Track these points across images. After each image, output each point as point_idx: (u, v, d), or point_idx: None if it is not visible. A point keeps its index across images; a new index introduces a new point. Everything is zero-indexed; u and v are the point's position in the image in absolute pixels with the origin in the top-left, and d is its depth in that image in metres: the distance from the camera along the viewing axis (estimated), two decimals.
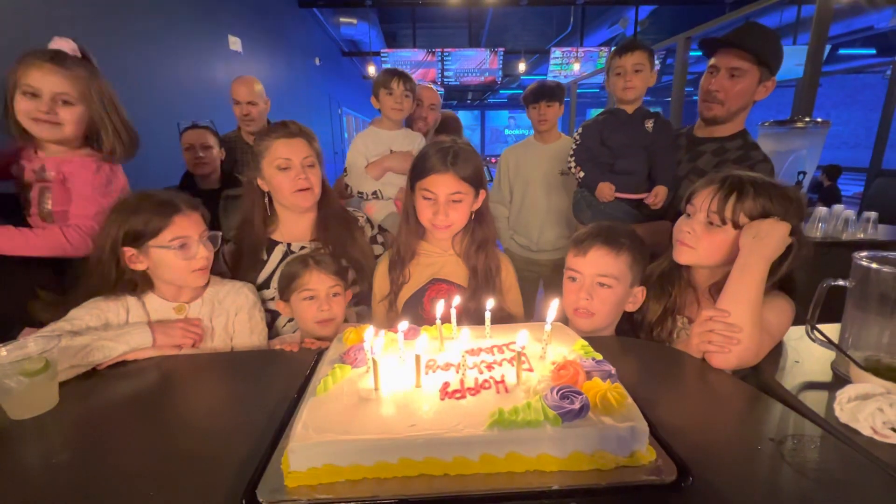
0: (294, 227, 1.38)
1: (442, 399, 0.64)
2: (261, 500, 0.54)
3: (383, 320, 1.25)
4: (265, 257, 1.33)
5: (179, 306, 1.07)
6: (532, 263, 2.34)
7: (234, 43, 4.52)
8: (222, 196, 2.01)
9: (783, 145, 2.37)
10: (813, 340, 0.85)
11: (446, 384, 0.66)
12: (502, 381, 0.67)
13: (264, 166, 1.29)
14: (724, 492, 0.57)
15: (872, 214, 2.46)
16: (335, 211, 1.42)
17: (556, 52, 8.15)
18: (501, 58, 8.16)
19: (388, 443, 0.57)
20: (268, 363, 0.98)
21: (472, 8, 7.46)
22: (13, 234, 1.15)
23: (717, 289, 0.99)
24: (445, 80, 8.30)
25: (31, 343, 0.78)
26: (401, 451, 0.56)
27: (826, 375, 0.87)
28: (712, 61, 1.53)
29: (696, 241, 1.01)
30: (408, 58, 8.06)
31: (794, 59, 9.41)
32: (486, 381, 0.67)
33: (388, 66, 8.07)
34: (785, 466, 0.62)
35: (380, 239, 1.56)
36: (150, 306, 1.05)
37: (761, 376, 0.87)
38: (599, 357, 0.72)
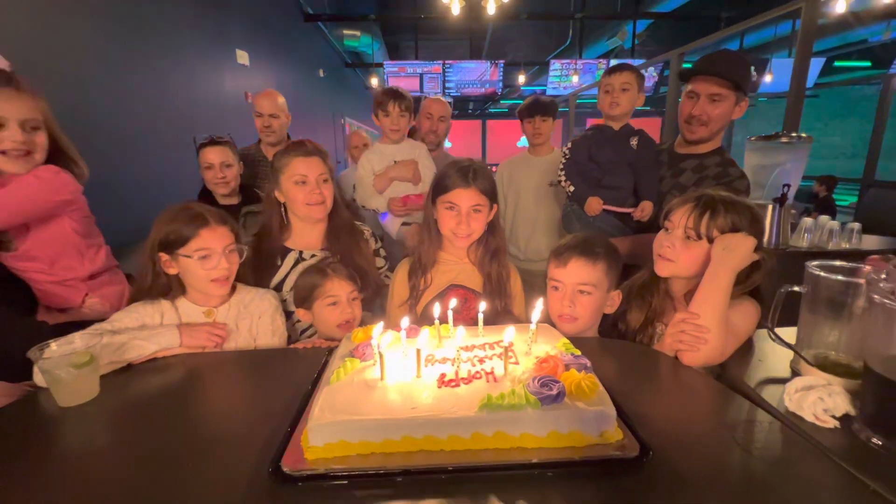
0: (306, 235, 1.49)
1: (439, 387, 0.73)
2: (285, 469, 0.64)
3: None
4: (279, 263, 1.44)
5: (208, 311, 1.17)
6: (525, 273, 2.43)
7: (242, 57, 4.67)
8: (242, 212, 2.08)
9: (769, 159, 2.48)
10: (773, 340, 0.95)
11: (443, 375, 0.76)
12: (492, 373, 0.76)
13: (283, 181, 1.41)
14: (679, 467, 0.66)
15: (856, 225, 2.56)
16: (344, 223, 1.54)
17: (556, 65, 8.31)
18: (502, 70, 8.33)
19: (393, 422, 0.66)
20: (284, 360, 1.08)
21: (472, 22, 7.62)
22: None
23: (691, 297, 1.08)
24: (447, 90, 8.46)
25: (78, 339, 0.88)
26: (403, 430, 0.66)
27: (785, 372, 0.96)
28: (690, 87, 1.64)
29: (676, 255, 1.11)
30: (410, 69, 8.22)
31: (790, 72, 9.46)
32: (477, 372, 0.77)
33: (393, 72, 8.25)
34: (735, 447, 0.72)
35: (382, 252, 1.67)
36: (182, 310, 1.15)
37: (726, 373, 0.97)
38: (578, 353, 0.82)
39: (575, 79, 8.12)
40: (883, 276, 0.71)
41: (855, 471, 0.66)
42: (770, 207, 2.49)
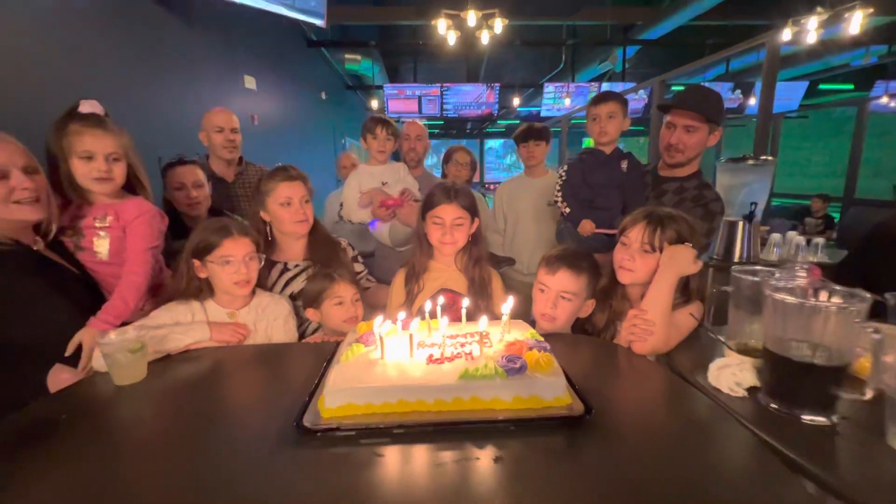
0: (290, 249, 1.66)
1: (427, 364, 0.92)
2: (306, 424, 0.82)
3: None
4: (266, 274, 1.58)
5: (231, 312, 1.36)
6: (524, 286, 2.61)
7: (250, 82, 4.93)
8: None
9: (737, 179, 2.69)
10: (708, 331, 1.14)
11: (431, 355, 0.94)
12: (470, 353, 0.95)
13: (269, 203, 1.59)
14: (617, 425, 0.84)
15: (820, 240, 2.78)
16: (323, 236, 1.72)
17: (549, 88, 8.63)
18: (497, 92, 8.64)
19: (391, 389, 0.85)
20: (300, 351, 1.27)
21: (469, 48, 7.96)
22: (126, 290, 1.33)
23: None
24: (445, 112, 8.77)
25: (131, 330, 1.07)
26: (399, 395, 0.85)
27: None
28: (669, 118, 1.85)
29: (635, 266, 1.30)
30: (409, 92, 8.54)
31: (777, 94, 9.81)
32: (458, 353, 0.95)
33: (393, 94, 8.56)
34: (664, 412, 0.91)
35: (360, 259, 1.85)
36: (209, 311, 1.34)
37: (672, 360, 1.15)
38: (541, 339, 1.01)
39: (567, 101, 8.43)
40: (777, 275, 0.90)
41: (756, 429, 0.84)
42: (740, 224, 2.69)
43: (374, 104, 9.46)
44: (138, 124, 2.94)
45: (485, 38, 4.29)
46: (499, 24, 4.19)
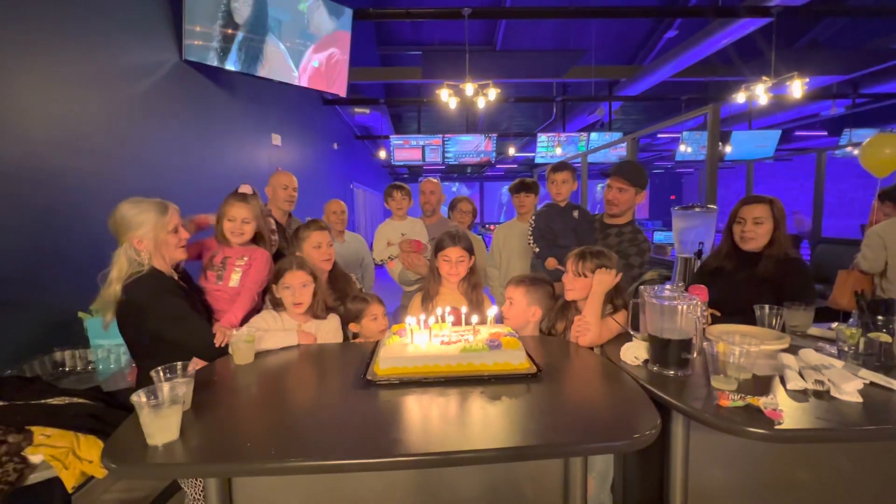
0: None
1: (440, 345, 1.47)
2: (368, 378, 1.36)
3: None
4: None
5: (299, 324, 1.88)
6: None
7: (276, 139, 5.66)
8: None
9: (688, 223, 3.30)
10: (627, 330, 1.69)
11: (442, 340, 1.49)
12: (468, 340, 1.50)
13: (305, 246, 2.15)
14: (557, 380, 1.38)
15: None
16: (341, 272, 2.30)
17: (542, 137, 9.42)
18: (495, 141, 9.44)
19: (418, 357, 1.40)
20: (352, 348, 1.81)
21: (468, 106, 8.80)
22: (242, 304, 1.88)
23: None
24: (446, 160, 9.53)
25: (245, 328, 1.62)
26: (423, 361, 1.39)
27: None
28: (608, 181, 2.47)
29: (573, 286, 1.85)
30: (413, 142, 9.33)
31: (753, 142, 10.67)
32: (459, 339, 1.50)
33: (399, 144, 9.38)
34: (589, 374, 1.44)
35: (363, 290, 2.40)
36: (285, 321, 1.87)
37: (604, 350, 1.69)
38: (513, 331, 1.56)
39: (559, 150, 9.19)
40: (651, 290, 1.46)
41: (646, 384, 1.37)
42: (692, 259, 3.26)
43: (382, 154, 10.25)
44: (196, 179, 3.61)
45: (481, 103, 5.02)
46: (493, 93, 4.94)
